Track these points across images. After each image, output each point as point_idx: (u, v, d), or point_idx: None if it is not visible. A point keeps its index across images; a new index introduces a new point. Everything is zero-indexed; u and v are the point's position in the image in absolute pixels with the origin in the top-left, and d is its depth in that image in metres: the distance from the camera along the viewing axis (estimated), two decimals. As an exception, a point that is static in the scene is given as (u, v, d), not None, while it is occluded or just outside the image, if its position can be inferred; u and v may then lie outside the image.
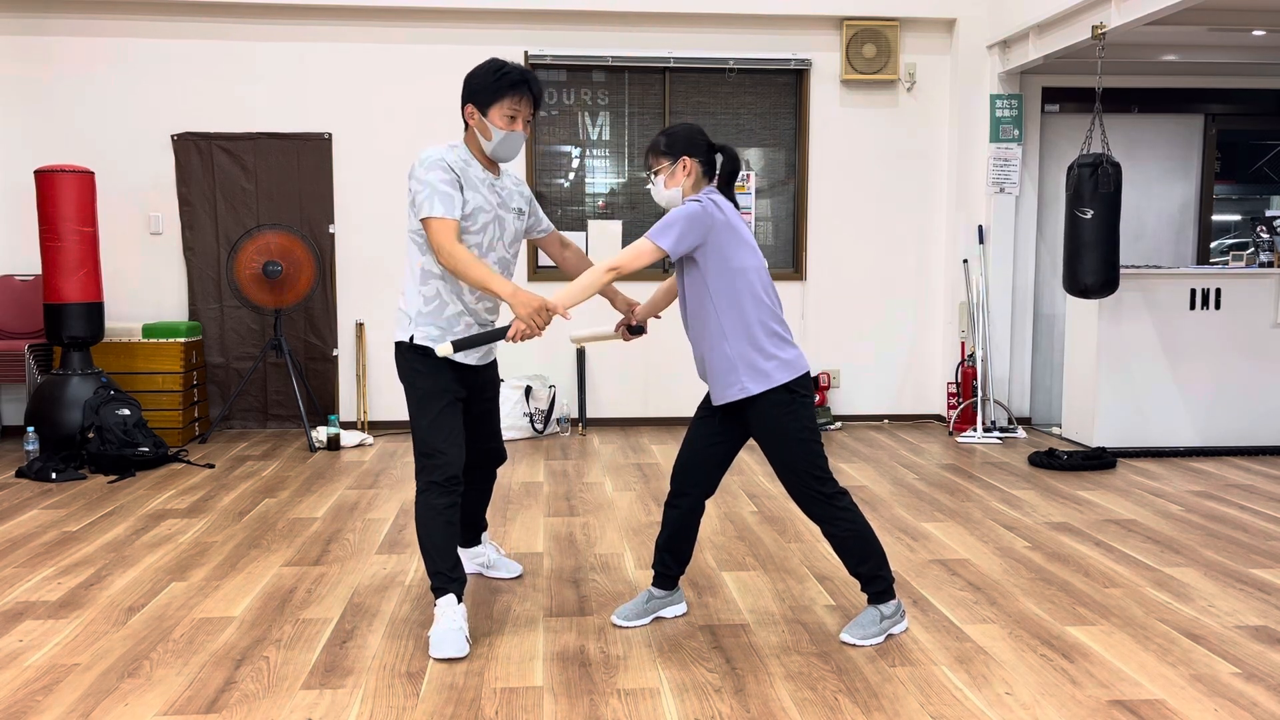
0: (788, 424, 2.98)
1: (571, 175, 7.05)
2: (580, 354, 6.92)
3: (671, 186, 3.08)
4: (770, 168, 7.14)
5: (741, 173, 7.03)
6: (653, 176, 3.13)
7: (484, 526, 3.68)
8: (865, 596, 3.28)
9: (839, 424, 7.04)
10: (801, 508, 3.06)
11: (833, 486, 3.02)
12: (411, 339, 3.10)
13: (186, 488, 5.14)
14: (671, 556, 3.23)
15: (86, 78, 6.62)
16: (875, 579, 3.08)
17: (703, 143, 3.08)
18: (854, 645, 3.05)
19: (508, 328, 2.93)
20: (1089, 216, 5.60)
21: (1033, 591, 3.56)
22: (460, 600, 3.06)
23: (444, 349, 2.92)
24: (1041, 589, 3.59)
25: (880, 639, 3.08)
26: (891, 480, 5.36)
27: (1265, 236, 6.39)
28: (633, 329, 3.32)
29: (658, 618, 3.28)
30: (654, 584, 3.28)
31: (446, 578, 3.05)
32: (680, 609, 3.32)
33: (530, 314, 2.89)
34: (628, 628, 3.20)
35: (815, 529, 4.38)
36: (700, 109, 7.02)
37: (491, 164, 3.14)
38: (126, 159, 6.67)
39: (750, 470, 5.60)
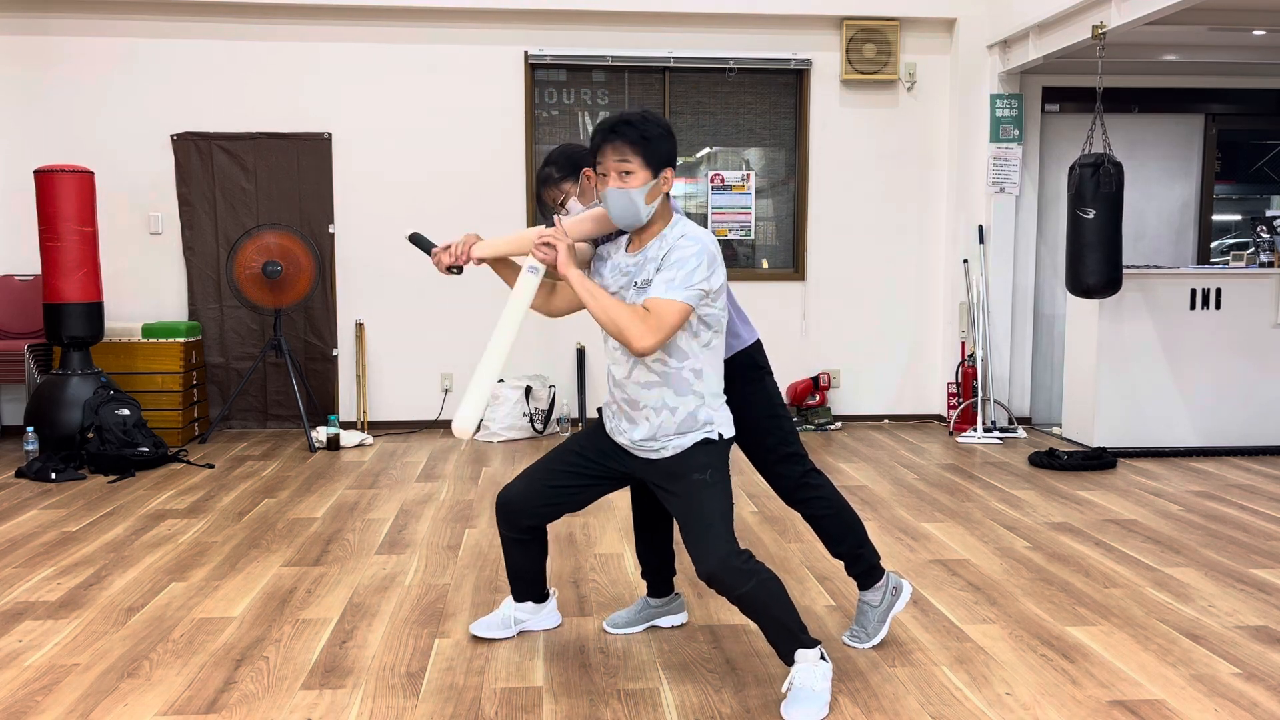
0: None
1: (571, 175, 7.03)
2: (580, 354, 6.92)
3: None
4: (770, 168, 7.14)
5: (741, 172, 7.04)
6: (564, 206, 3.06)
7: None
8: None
9: (839, 424, 7.03)
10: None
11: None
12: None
13: (186, 488, 5.14)
14: (654, 560, 3.20)
15: (86, 78, 6.62)
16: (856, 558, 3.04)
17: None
18: (858, 648, 3.04)
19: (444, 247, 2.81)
20: (1091, 216, 5.60)
21: (1033, 591, 3.56)
22: (516, 600, 3.16)
23: (409, 232, 2.97)
24: (1041, 589, 3.59)
25: (884, 630, 3.06)
26: (891, 480, 5.35)
27: (1265, 236, 6.38)
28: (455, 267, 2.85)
29: (653, 627, 3.22)
30: (648, 593, 3.24)
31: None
32: (678, 619, 3.24)
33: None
34: (617, 635, 3.17)
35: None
36: (700, 109, 7.02)
37: (638, 235, 2.67)
38: (126, 159, 6.67)
39: (749, 470, 5.60)
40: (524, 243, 2.77)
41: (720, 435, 2.67)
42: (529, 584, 3.11)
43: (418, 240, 2.91)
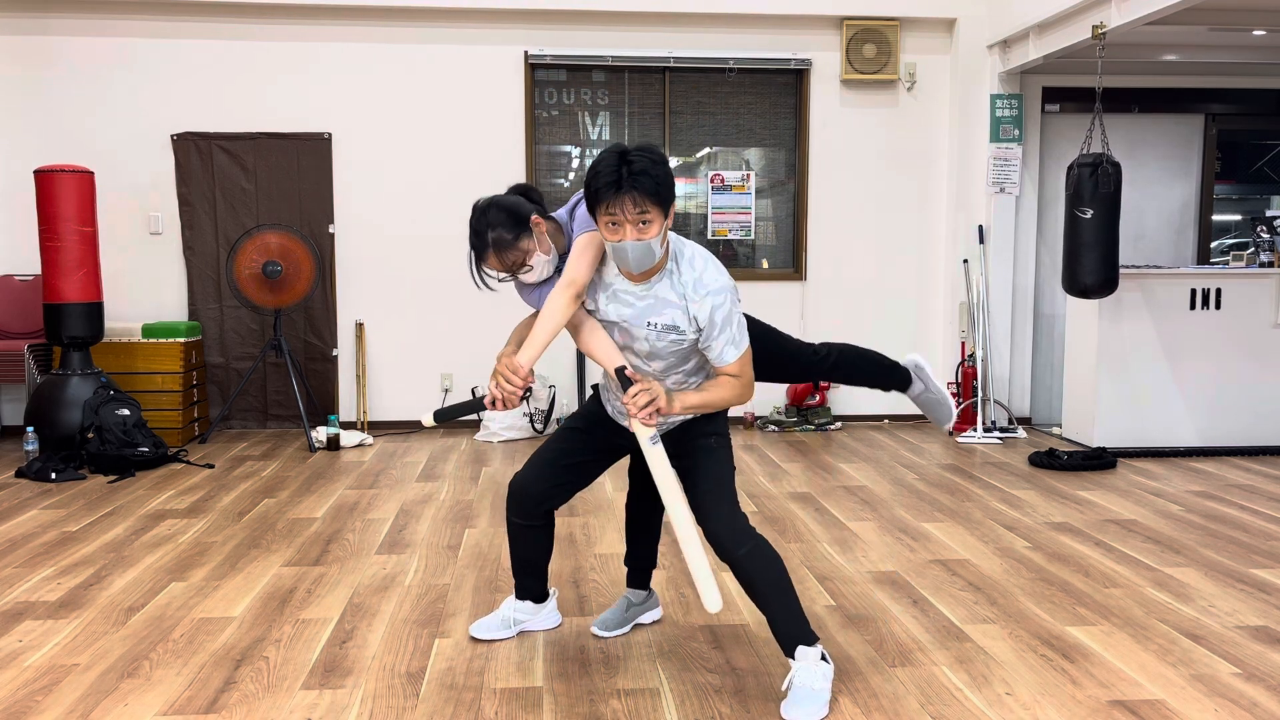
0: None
1: (572, 175, 7.05)
2: (580, 355, 6.92)
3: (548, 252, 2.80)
4: (770, 168, 7.13)
5: (741, 172, 7.04)
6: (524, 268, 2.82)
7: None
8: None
9: (839, 424, 7.03)
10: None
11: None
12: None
13: (186, 488, 5.14)
14: (642, 552, 3.22)
15: (86, 78, 6.62)
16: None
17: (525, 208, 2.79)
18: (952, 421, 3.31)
19: (484, 396, 2.71)
20: (1089, 216, 5.60)
21: (1033, 591, 3.56)
22: (518, 597, 3.16)
23: (426, 419, 2.77)
24: (1041, 589, 3.59)
25: (946, 392, 3.30)
26: (891, 480, 5.35)
27: (1265, 236, 6.38)
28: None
29: (636, 624, 3.22)
30: (631, 584, 3.23)
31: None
32: (657, 614, 3.27)
33: (494, 376, 2.67)
34: (608, 638, 3.16)
35: (817, 530, 4.38)
36: (700, 109, 7.02)
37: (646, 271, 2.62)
38: (126, 159, 6.67)
39: (750, 470, 5.60)
40: (553, 325, 2.64)
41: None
42: (533, 579, 3.11)
43: (451, 413, 2.75)
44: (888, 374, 3.24)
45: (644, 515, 3.17)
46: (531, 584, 3.12)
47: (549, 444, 2.94)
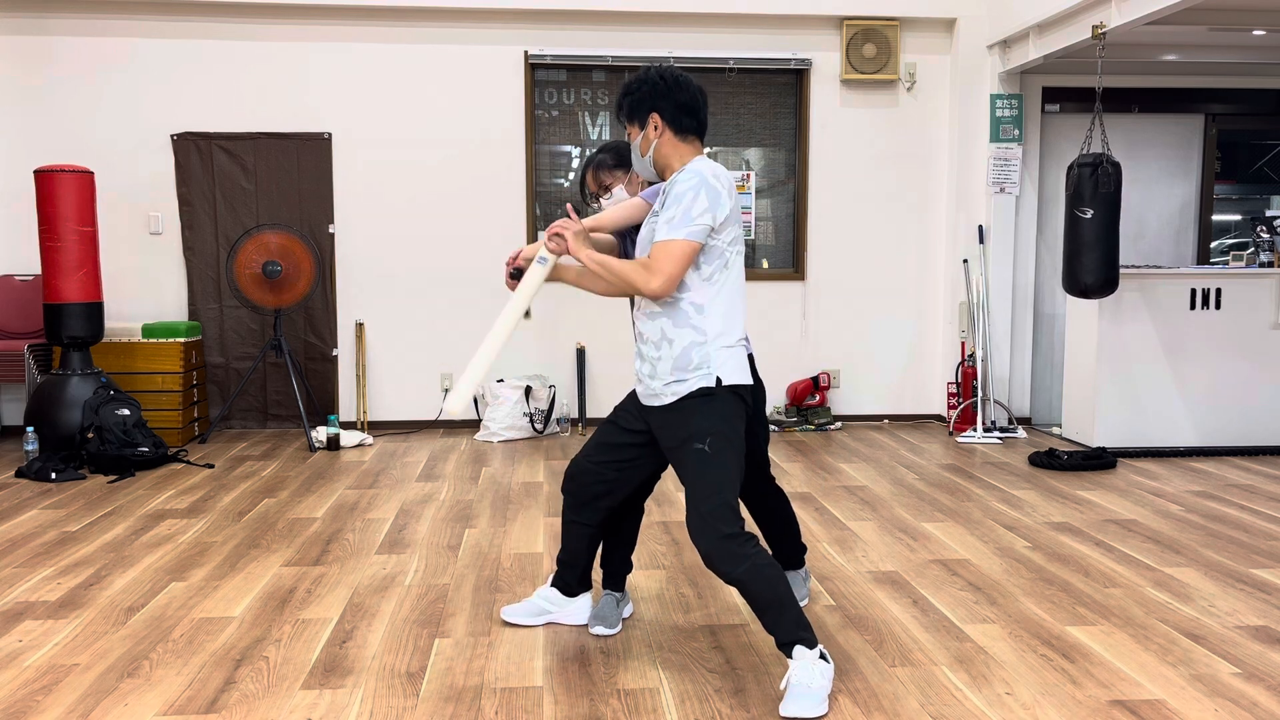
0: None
1: (571, 175, 7.05)
2: (580, 354, 6.92)
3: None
4: (770, 168, 7.13)
5: (741, 172, 7.03)
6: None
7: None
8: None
9: (839, 424, 7.03)
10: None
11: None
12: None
13: (186, 488, 5.14)
14: (619, 559, 3.28)
15: (86, 78, 6.62)
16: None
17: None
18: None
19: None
20: (1089, 216, 5.60)
21: (1033, 591, 3.56)
22: (551, 583, 3.26)
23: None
24: (1041, 589, 3.59)
25: None
26: (891, 480, 5.35)
27: (1265, 236, 6.38)
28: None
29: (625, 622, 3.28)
30: (610, 586, 3.26)
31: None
32: (630, 610, 3.34)
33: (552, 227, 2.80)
34: (611, 635, 3.17)
35: (817, 530, 4.38)
36: (700, 109, 7.01)
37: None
38: (126, 159, 6.67)
39: (750, 470, 5.60)
40: (619, 217, 3.06)
41: (719, 380, 2.63)
42: (570, 572, 3.16)
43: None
44: (794, 544, 3.33)
45: (614, 520, 3.19)
46: (567, 576, 3.17)
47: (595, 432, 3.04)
